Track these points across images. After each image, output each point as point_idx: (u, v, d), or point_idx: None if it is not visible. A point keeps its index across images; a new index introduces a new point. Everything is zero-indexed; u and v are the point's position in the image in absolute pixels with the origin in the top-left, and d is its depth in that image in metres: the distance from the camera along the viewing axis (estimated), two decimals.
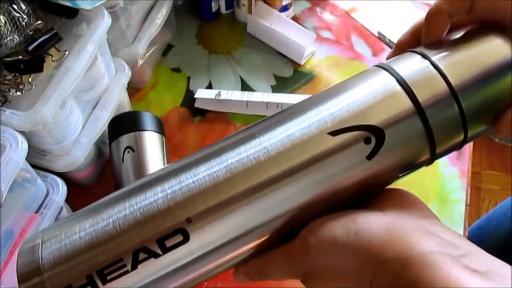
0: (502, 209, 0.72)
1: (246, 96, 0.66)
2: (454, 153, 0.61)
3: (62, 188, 0.47)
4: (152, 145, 0.54)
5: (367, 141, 0.28)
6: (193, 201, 0.27)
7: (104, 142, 0.59)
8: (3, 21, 0.42)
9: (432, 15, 0.31)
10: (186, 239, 0.26)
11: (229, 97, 0.66)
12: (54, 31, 0.45)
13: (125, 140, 0.53)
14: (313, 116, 0.29)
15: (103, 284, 0.25)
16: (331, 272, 0.28)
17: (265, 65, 0.72)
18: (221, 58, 0.73)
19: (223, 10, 0.78)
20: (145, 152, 0.53)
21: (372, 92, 0.29)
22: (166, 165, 0.30)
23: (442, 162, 0.61)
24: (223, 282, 0.51)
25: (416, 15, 0.78)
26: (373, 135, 0.28)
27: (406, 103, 0.28)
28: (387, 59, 0.33)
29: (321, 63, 0.72)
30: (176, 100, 0.68)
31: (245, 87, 0.69)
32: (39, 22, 0.46)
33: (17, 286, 0.25)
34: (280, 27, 0.71)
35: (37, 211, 0.45)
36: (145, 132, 0.54)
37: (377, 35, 0.76)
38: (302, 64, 0.72)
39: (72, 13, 0.48)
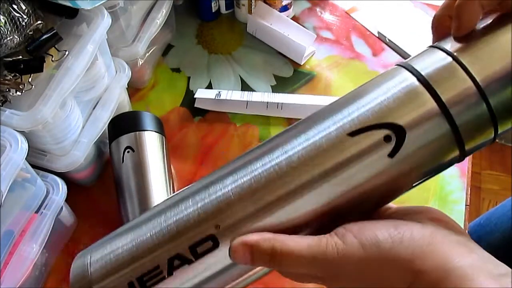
0: (503, 208, 0.72)
1: (246, 96, 0.66)
2: None
3: (62, 188, 0.47)
4: (152, 145, 0.54)
5: (387, 139, 0.27)
6: (220, 210, 0.28)
7: (104, 142, 0.59)
8: (3, 21, 0.42)
9: (463, 6, 0.29)
10: (216, 245, 0.28)
11: (229, 97, 0.66)
12: (54, 31, 0.45)
13: (125, 140, 0.53)
14: (333, 122, 0.29)
15: None
16: (357, 280, 0.27)
17: (265, 65, 0.72)
18: (221, 58, 0.73)
19: (223, 10, 0.78)
20: (145, 152, 0.53)
21: (391, 93, 0.28)
22: (192, 184, 0.32)
23: None
24: None
25: (416, 15, 0.78)
26: (393, 132, 0.27)
27: (428, 103, 0.27)
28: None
29: (321, 63, 0.72)
30: (176, 100, 0.68)
31: (245, 87, 0.69)
32: (39, 22, 0.46)
33: None
34: (280, 27, 0.71)
35: (37, 211, 0.45)
36: (145, 132, 0.54)
37: (377, 35, 0.76)
38: (302, 64, 0.72)
39: (72, 13, 0.48)
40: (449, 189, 0.59)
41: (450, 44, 0.29)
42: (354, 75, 0.70)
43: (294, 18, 0.77)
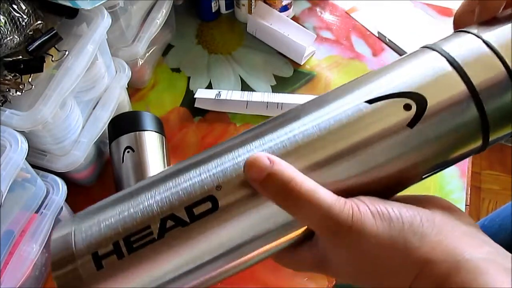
0: (507, 210, 0.71)
1: (246, 96, 0.66)
2: None
3: (62, 188, 0.47)
4: (152, 145, 0.54)
5: (407, 107, 0.26)
6: (224, 172, 0.26)
7: (104, 142, 0.59)
8: (3, 21, 0.42)
9: None
10: (215, 207, 0.25)
11: (229, 97, 0.66)
12: (54, 31, 0.45)
13: (125, 140, 0.53)
14: (353, 94, 0.27)
15: (129, 253, 0.24)
16: (361, 263, 0.25)
17: (265, 65, 0.72)
18: (221, 58, 0.73)
19: (223, 10, 0.78)
20: (145, 152, 0.53)
21: (418, 70, 0.27)
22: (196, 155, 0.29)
23: None
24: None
25: (416, 15, 0.78)
26: (414, 101, 0.26)
27: (458, 85, 0.26)
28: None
29: (321, 63, 0.72)
30: (176, 100, 0.68)
31: (245, 87, 0.69)
32: (39, 22, 0.46)
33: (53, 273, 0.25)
34: (280, 27, 0.71)
35: (37, 211, 0.45)
36: (145, 132, 0.54)
37: (377, 35, 0.76)
38: (302, 64, 0.72)
39: (72, 13, 0.48)
40: (449, 189, 0.59)
41: (478, 28, 0.28)
42: (354, 75, 0.69)
43: (294, 18, 0.77)
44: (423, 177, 0.28)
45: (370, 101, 0.26)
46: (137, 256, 0.24)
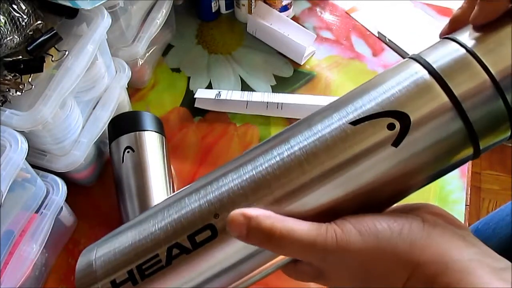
0: (501, 213, 0.71)
1: (246, 96, 0.66)
2: None
3: (62, 188, 0.47)
4: (152, 145, 0.54)
5: (390, 127, 0.26)
6: (221, 201, 0.28)
7: (104, 142, 0.59)
8: (3, 21, 0.42)
9: None
10: (214, 234, 0.27)
11: (229, 97, 0.66)
12: (54, 31, 0.45)
13: (125, 140, 0.53)
14: (337, 114, 0.28)
15: (142, 279, 0.28)
16: (355, 275, 0.27)
17: (265, 65, 0.72)
18: (221, 58, 0.73)
19: (223, 10, 0.78)
20: (145, 152, 0.53)
21: (401, 86, 0.27)
22: (194, 182, 0.32)
23: None
24: None
25: (416, 15, 0.78)
26: (397, 120, 0.26)
27: (439, 97, 0.26)
28: (441, 34, 0.30)
29: (321, 63, 0.72)
30: (176, 100, 0.68)
31: (245, 87, 0.69)
32: (39, 22, 0.46)
33: None
34: (280, 27, 0.71)
35: (37, 211, 0.45)
36: (145, 132, 0.54)
37: (377, 35, 0.76)
38: (302, 64, 0.72)
39: (72, 13, 0.48)
40: (449, 189, 0.59)
41: (464, 35, 0.28)
42: (354, 75, 0.70)
43: (294, 18, 0.77)
44: (420, 186, 0.29)
45: (353, 123, 0.27)
46: (149, 281, 0.28)
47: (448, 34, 0.29)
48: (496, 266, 0.23)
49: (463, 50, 0.27)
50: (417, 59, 0.28)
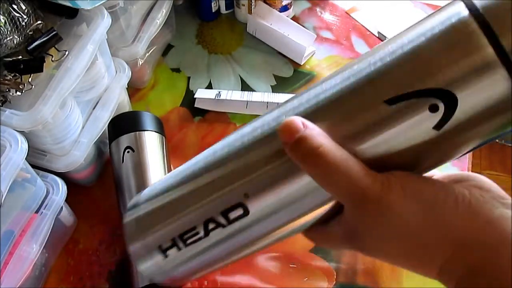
0: None
1: (246, 96, 0.66)
2: None
3: (62, 188, 0.47)
4: (152, 145, 0.54)
5: (433, 109, 0.22)
6: (250, 177, 0.29)
7: (104, 142, 0.59)
8: (3, 21, 0.42)
9: None
10: (246, 213, 0.29)
11: (229, 97, 0.66)
12: (54, 31, 0.45)
13: (125, 140, 0.53)
14: (370, 83, 0.24)
15: (185, 246, 0.32)
16: (392, 236, 0.24)
17: (265, 65, 0.72)
18: (221, 58, 0.73)
19: (223, 10, 0.78)
20: (145, 152, 0.53)
21: (437, 36, 0.22)
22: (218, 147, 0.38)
23: None
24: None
25: (416, 15, 0.78)
26: (441, 101, 0.22)
27: (483, 49, 0.20)
28: None
29: (321, 63, 0.72)
30: (176, 100, 0.68)
31: (245, 87, 0.69)
32: (39, 22, 0.46)
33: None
34: (280, 27, 0.71)
35: (37, 211, 0.45)
36: (145, 132, 0.54)
37: (377, 35, 0.76)
38: (302, 64, 0.72)
39: (72, 13, 0.48)
40: None
41: None
42: None
43: (294, 18, 0.77)
44: (470, 151, 0.25)
45: (390, 101, 0.23)
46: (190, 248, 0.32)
47: None
48: None
49: None
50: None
